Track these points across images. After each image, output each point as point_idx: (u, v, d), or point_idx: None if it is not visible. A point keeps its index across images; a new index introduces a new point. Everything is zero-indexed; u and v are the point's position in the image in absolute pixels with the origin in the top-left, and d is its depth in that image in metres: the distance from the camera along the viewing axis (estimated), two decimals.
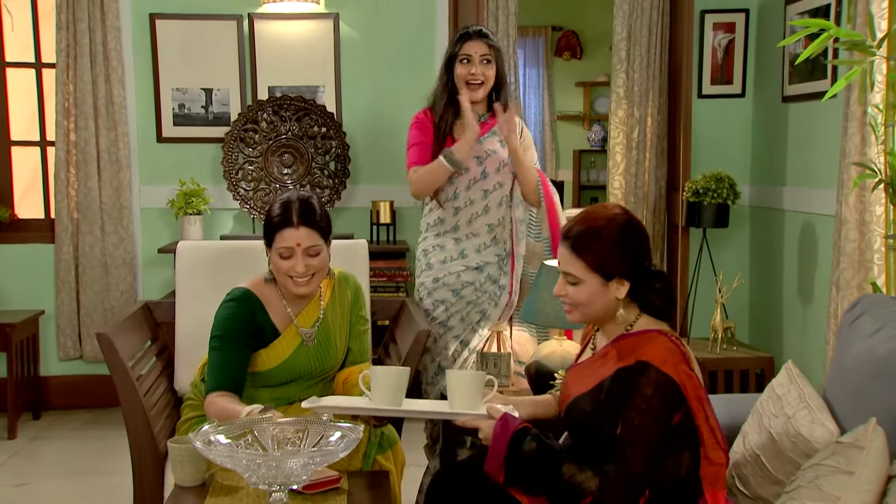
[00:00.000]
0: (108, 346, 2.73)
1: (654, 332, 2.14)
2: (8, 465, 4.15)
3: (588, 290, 2.14)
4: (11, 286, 4.93)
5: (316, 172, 4.86)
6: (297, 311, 2.74)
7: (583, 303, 2.16)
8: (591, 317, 2.20)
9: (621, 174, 5.01)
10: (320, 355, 2.75)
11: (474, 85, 3.31)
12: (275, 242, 2.63)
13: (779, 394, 2.45)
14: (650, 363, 2.03)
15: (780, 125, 4.76)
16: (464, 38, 3.34)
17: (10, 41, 5.02)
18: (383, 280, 4.64)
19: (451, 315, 3.38)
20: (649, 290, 2.17)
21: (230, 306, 2.66)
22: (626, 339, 2.15)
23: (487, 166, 3.36)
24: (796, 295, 4.60)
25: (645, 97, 4.97)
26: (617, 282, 2.13)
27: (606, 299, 2.15)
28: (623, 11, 4.96)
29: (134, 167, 4.91)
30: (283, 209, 2.63)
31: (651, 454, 2.01)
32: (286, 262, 2.63)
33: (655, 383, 2.01)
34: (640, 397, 2.01)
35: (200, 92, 4.94)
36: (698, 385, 2.09)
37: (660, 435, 2.02)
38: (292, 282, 2.65)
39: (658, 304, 2.18)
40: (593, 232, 2.13)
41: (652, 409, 2.00)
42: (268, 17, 4.90)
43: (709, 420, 2.10)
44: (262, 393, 2.71)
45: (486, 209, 3.38)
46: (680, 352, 2.10)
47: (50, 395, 4.95)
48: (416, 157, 3.37)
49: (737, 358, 4.41)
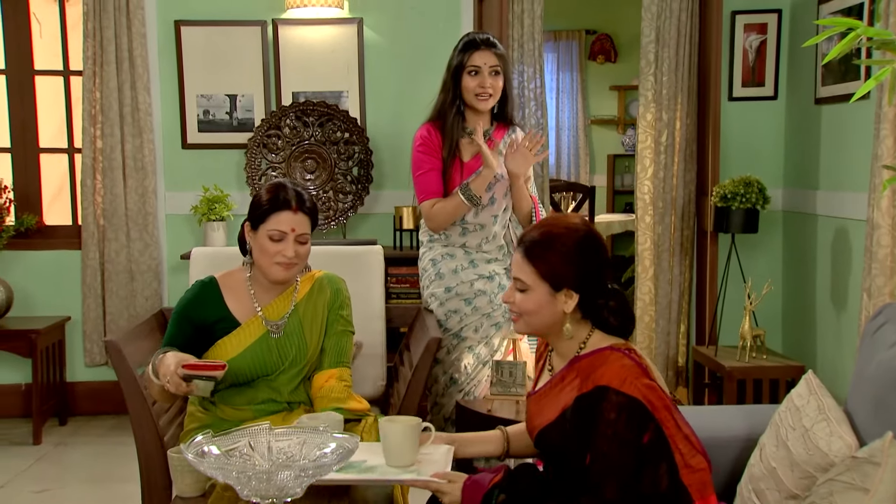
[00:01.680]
0: (116, 353, 2.72)
1: (606, 350, 2.06)
2: (31, 471, 4.17)
3: (535, 298, 2.07)
4: (39, 292, 4.96)
5: (339, 178, 4.84)
6: (266, 303, 2.72)
7: (529, 311, 2.09)
8: (537, 327, 2.13)
9: (649, 179, 4.92)
10: (286, 348, 2.70)
11: (484, 97, 3.24)
12: (267, 223, 2.62)
13: (797, 405, 2.36)
14: (608, 386, 1.96)
15: (813, 127, 4.65)
16: (471, 48, 3.24)
17: (39, 49, 5.06)
18: (406, 286, 4.60)
19: (465, 326, 3.32)
20: (603, 307, 2.09)
21: (190, 291, 2.74)
22: (582, 362, 2.07)
23: (496, 192, 3.29)
24: (829, 302, 4.48)
25: (673, 100, 4.88)
26: (565, 293, 2.06)
27: (553, 311, 2.07)
28: (651, 13, 4.87)
29: (159, 173, 4.93)
30: (281, 192, 2.63)
31: (624, 478, 1.94)
32: (275, 245, 2.62)
33: (617, 406, 1.94)
34: (604, 423, 1.94)
35: (225, 98, 4.94)
36: (663, 395, 2.01)
37: (630, 458, 1.95)
38: (277, 267, 2.63)
39: (612, 323, 2.10)
40: (548, 240, 2.07)
41: (619, 434, 1.93)
42: (292, 23, 4.89)
43: (681, 427, 2.02)
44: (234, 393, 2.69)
45: (494, 235, 3.32)
46: (637, 366, 2.02)
47: (76, 401, 4.98)
48: (428, 189, 3.28)
49: (766, 366, 4.29)
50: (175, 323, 2.68)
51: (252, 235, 2.68)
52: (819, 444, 2.19)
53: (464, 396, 3.30)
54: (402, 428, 2.16)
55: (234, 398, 2.71)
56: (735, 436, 2.53)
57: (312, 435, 2.05)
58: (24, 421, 4.77)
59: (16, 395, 4.93)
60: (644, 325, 4.94)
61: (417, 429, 2.16)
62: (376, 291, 3.34)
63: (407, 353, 3.29)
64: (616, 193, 9.14)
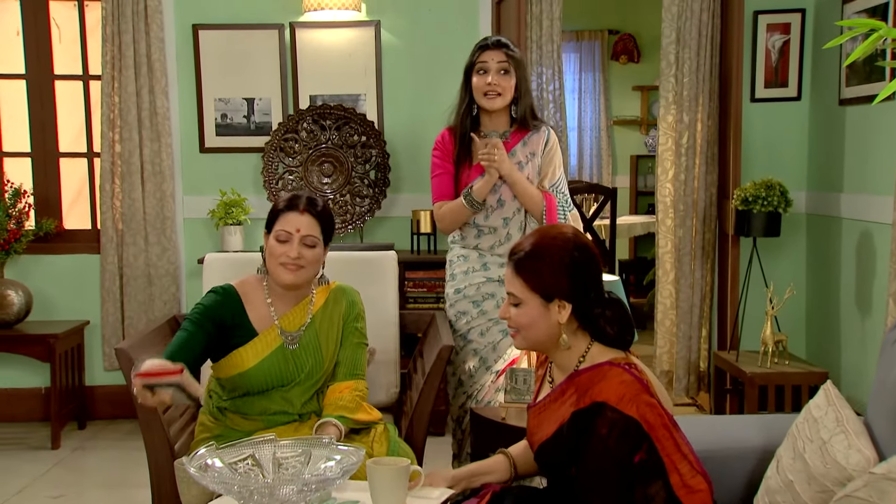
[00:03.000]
0: (125, 361, 2.71)
1: (606, 365, 2.02)
2: (49, 476, 4.18)
3: (529, 311, 2.05)
4: (58, 296, 4.98)
5: (356, 181, 4.82)
6: (282, 312, 2.71)
7: (524, 325, 2.07)
8: (535, 342, 2.10)
9: (670, 181, 4.86)
10: (302, 360, 2.68)
11: (492, 96, 3.20)
12: (276, 225, 2.66)
13: (815, 416, 2.30)
14: (605, 403, 1.93)
15: (837, 129, 4.57)
16: (482, 49, 3.23)
17: (59, 53, 5.08)
18: (423, 291, 4.58)
19: (472, 328, 3.29)
20: (599, 316, 2.06)
21: (208, 296, 2.70)
22: (581, 377, 2.04)
23: (503, 194, 3.25)
24: (854, 307, 4.40)
25: (695, 102, 4.81)
26: (558, 304, 2.03)
27: (548, 323, 2.04)
28: (672, 14, 4.81)
29: (177, 177, 4.93)
30: (292, 197, 2.70)
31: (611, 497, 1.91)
32: (281, 247, 2.63)
33: (610, 423, 1.91)
34: (596, 439, 1.92)
35: (242, 102, 4.93)
36: (663, 413, 1.97)
37: (618, 475, 1.91)
38: (281, 268, 2.64)
39: (609, 333, 2.07)
40: (536, 252, 2.05)
41: (609, 451, 1.91)
42: (309, 26, 4.88)
43: (680, 447, 1.98)
44: (247, 403, 2.67)
45: (508, 236, 3.28)
46: (637, 381, 1.98)
47: (95, 405, 4.99)
48: (440, 191, 3.31)
49: (788, 373, 4.22)
50: (194, 323, 2.61)
51: (266, 241, 2.71)
52: (837, 457, 2.13)
53: (467, 400, 3.28)
54: (389, 471, 2.08)
55: (246, 408, 2.69)
56: (752, 447, 2.48)
57: (317, 447, 2.03)
58: (44, 425, 4.78)
59: (36, 398, 4.95)
60: (665, 330, 4.89)
61: (406, 472, 2.09)
62: (390, 297, 3.32)
63: (420, 359, 3.25)
64: (639, 194, 9.07)
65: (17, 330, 4.66)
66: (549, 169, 3.34)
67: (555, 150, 3.34)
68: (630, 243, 8.66)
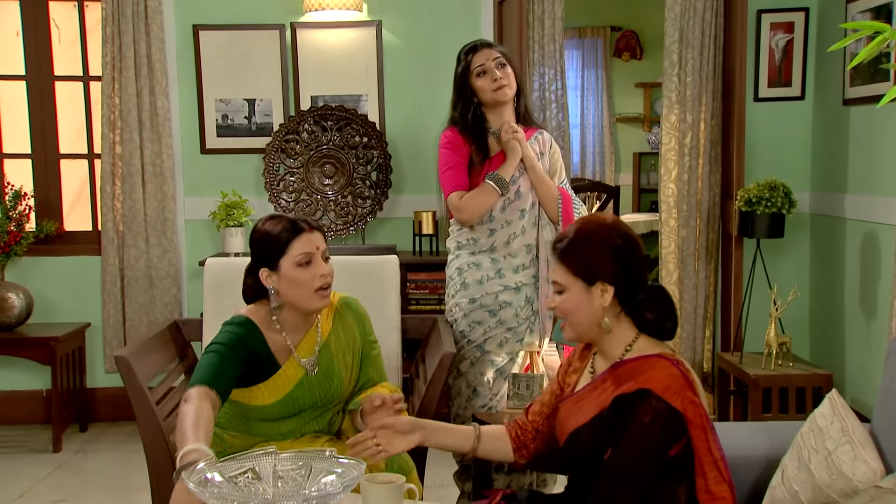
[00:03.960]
0: (125, 369, 2.69)
1: (655, 356, 2.02)
2: (50, 479, 4.17)
3: (572, 297, 2.06)
4: (59, 298, 4.97)
5: (357, 183, 4.79)
6: (297, 342, 2.62)
7: (569, 312, 2.08)
8: (581, 329, 2.10)
9: (673, 181, 4.83)
10: (324, 385, 2.63)
11: (501, 89, 3.18)
12: (290, 252, 2.50)
13: (821, 426, 2.28)
14: (651, 390, 1.92)
15: (841, 129, 4.54)
16: (471, 52, 3.23)
17: (59, 54, 5.06)
18: (425, 292, 4.55)
19: (489, 338, 3.25)
20: (642, 302, 2.06)
21: (235, 326, 2.55)
22: (626, 366, 2.03)
23: (521, 185, 3.22)
24: (858, 308, 4.37)
25: (698, 101, 4.78)
26: (600, 287, 2.03)
27: (591, 307, 2.05)
28: (674, 13, 4.78)
29: (178, 179, 4.91)
30: (285, 221, 2.54)
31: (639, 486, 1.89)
32: (307, 271, 2.50)
33: (654, 411, 1.91)
34: (636, 425, 1.91)
35: (243, 102, 4.91)
36: (704, 413, 1.96)
37: (651, 466, 1.90)
38: (317, 294, 2.51)
39: (649, 319, 2.06)
40: (578, 238, 2.07)
41: (646, 439, 1.90)
42: (310, 26, 4.85)
43: (712, 451, 1.96)
44: (263, 426, 2.63)
45: (523, 230, 3.24)
46: (684, 377, 1.97)
47: (97, 407, 4.98)
48: (454, 182, 3.21)
49: (792, 375, 4.20)
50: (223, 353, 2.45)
51: (275, 277, 2.53)
52: (843, 468, 2.12)
53: (487, 410, 3.25)
54: (383, 490, 2.05)
55: (257, 428, 2.64)
56: (756, 455, 2.46)
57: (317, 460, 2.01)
58: (45, 427, 4.77)
59: (37, 401, 4.94)
60: None
61: (400, 490, 2.06)
62: (392, 302, 3.29)
63: (422, 365, 3.23)
64: (642, 192, 9.04)
65: (17, 333, 4.65)
66: (557, 167, 3.34)
67: (558, 152, 3.38)
68: None
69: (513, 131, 3.17)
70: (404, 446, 2.21)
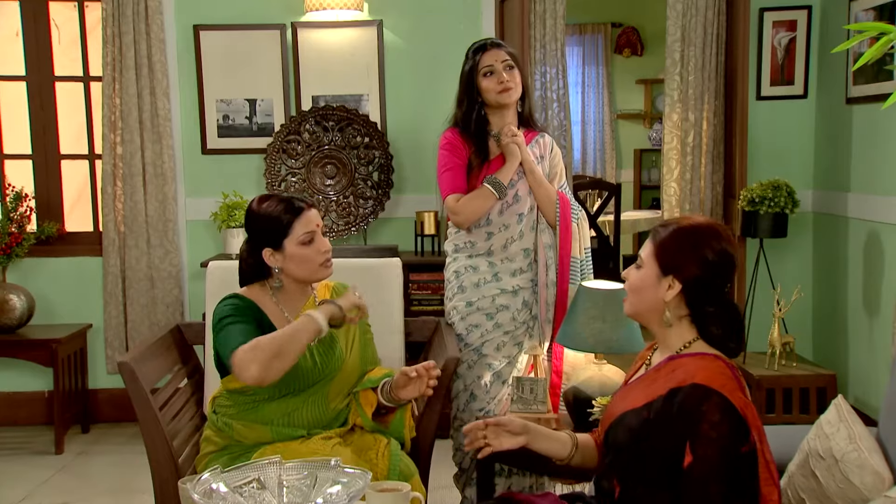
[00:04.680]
0: (129, 374, 2.68)
1: (711, 355, 2.00)
2: (52, 482, 4.16)
3: (643, 277, 2.06)
4: (60, 299, 4.96)
5: (359, 183, 4.78)
6: (294, 313, 2.69)
7: (634, 288, 2.09)
8: (637, 309, 2.10)
9: (676, 180, 4.82)
10: (323, 354, 2.69)
11: (506, 91, 3.16)
12: (293, 232, 2.62)
13: (827, 433, 2.27)
14: (710, 387, 1.89)
15: (844, 128, 4.53)
16: (481, 50, 3.19)
17: (59, 55, 5.04)
18: (427, 293, 4.54)
19: (486, 342, 3.24)
20: (710, 314, 2.02)
21: (229, 301, 2.64)
22: (681, 359, 2.02)
23: (520, 189, 3.20)
24: (861, 307, 4.37)
25: (700, 100, 4.77)
26: (671, 280, 2.02)
27: (655, 295, 2.04)
28: (676, 11, 4.76)
29: (179, 179, 4.90)
30: (283, 202, 2.65)
31: (728, 487, 1.86)
32: (310, 248, 2.64)
33: (721, 409, 1.87)
34: (708, 425, 1.87)
35: (244, 103, 4.89)
36: (756, 414, 1.94)
37: (734, 466, 1.86)
38: (321, 267, 2.66)
39: (715, 333, 2.03)
40: (680, 229, 2.05)
41: (723, 438, 1.86)
42: (311, 26, 4.83)
43: (765, 453, 1.94)
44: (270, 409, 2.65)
45: (521, 234, 3.22)
46: (737, 381, 1.96)
47: (99, 408, 4.97)
48: (452, 184, 3.20)
49: (796, 375, 4.19)
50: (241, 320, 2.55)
51: (278, 257, 2.64)
52: (850, 476, 2.11)
53: (484, 414, 3.24)
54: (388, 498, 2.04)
55: (253, 416, 2.66)
56: None
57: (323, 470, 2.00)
58: (48, 428, 4.77)
59: (39, 402, 4.94)
60: None
61: (406, 498, 2.05)
62: (395, 306, 3.28)
63: None
64: (643, 188, 9.03)
65: (19, 335, 4.63)
66: (557, 170, 3.32)
67: (559, 155, 3.35)
68: (634, 239, 8.61)
69: (512, 135, 3.16)
70: (510, 445, 2.25)
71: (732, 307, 2.07)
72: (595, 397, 2.87)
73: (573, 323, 2.94)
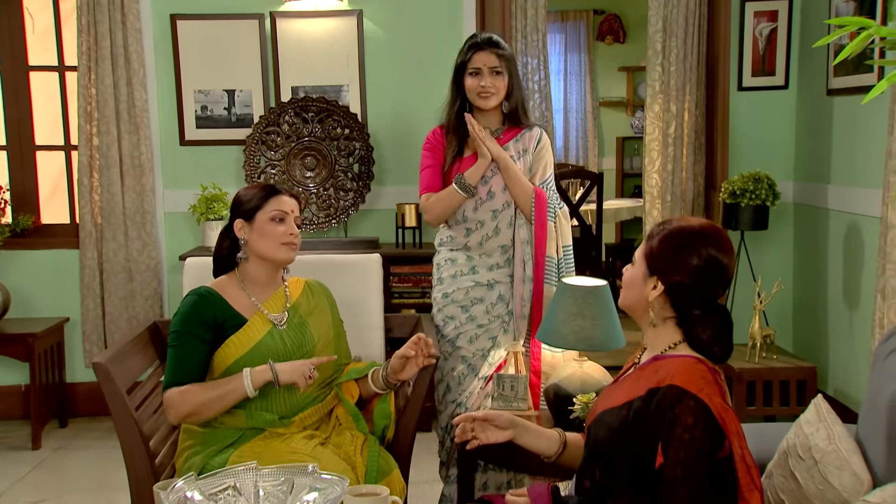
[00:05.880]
0: (104, 375, 2.63)
1: (693, 358, 1.99)
2: (29, 479, 4.12)
3: (633, 274, 2.08)
4: (37, 293, 4.90)
5: (339, 175, 4.74)
6: (262, 299, 2.75)
7: (627, 284, 2.10)
8: (628, 303, 2.12)
9: (657, 171, 4.81)
10: (294, 338, 2.73)
11: (485, 96, 3.16)
12: (266, 207, 2.71)
13: (807, 433, 2.27)
14: (685, 389, 1.88)
15: (825, 119, 4.52)
16: (473, 49, 3.17)
17: (33, 44, 4.96)
18: (408, 286, 4.52)
19: (460, 334, 3.24)
20: (697, 318, 2.00)
21: (187, 301, 2.70)
22: (665, 360, 2.02)
23: (493, 185, 3.19)
24: (842, 300, 4.37)
25: (682, 90, 4.75)
26: (655, 281, 2.01)
27: (641, 292, 2.05)
28: (658, 1, 4.74)
29: (157, 171, 4.84)
30: (267, 185, 2.79)
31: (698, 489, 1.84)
32: (280, 227, 2.71)
33: (695, 411, 1.86)
34: (681, 427, 1.86)
35: (223, 93, 4.84)
36: (735, 419, 1.93)
37: (705, 470, 1.85)
38: (284, 247, 2.71)
39: (702, 339, 2.01)
40: (671, 230, 2.04)
41: (696, 441, 1.85)
42: (290, 16, 4.77)
43: (745, 458, 1.93)
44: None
45: (496, 230, 3.21)
46: (717, 385, 1.95)
47: (77, 402, 4.93)
48: (427, 183, 3.26)
49: (776, 368, 4.20)
50: (182, 343, 2.63)
51: (247, 228, 2.72)
52: (829, 478, 2.10)
53: (456, 407, 3.23)
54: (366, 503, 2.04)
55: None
56: None
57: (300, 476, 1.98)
58: (25, 423, 4.72)
59: (16, 396, 4.89)
60: None
61: (384, 503, 2.04)
62: (374, 302, 3.25)
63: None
64: (625, 176, 9.02)
65: None
66: (540, 165, 3.29)
67: (546, 149, 3.30)
68: (617, 227, 8.62)
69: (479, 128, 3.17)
70: (496, 439, 2.28)
71: (723, 313, 2.04)
72: (576, 395, 2.87)
73: (553, 320, 2.92)
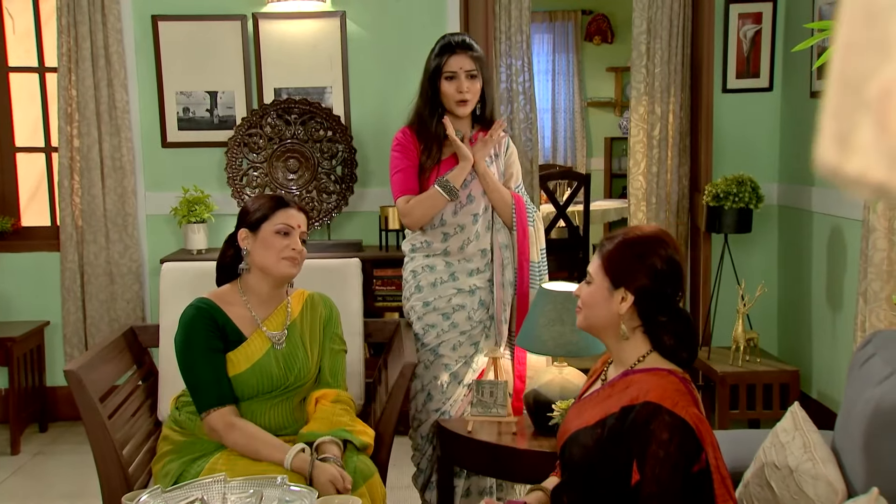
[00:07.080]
0: (76, 383, 2.61)
1: (663, 370, 1.98)
2: (8, 485, 4.09)
3: (595, 292, 2.04)
4: (17, 296, 4.86)
5: (322, 177, 4.71)
6: (264, 316, 2.68)
7: (587, 304, 2.06)
8: (592, 323, 2.08)
9: (642, 174, 4.79)
10: (289, 361, 2.65)
11: (462, 104, 3.13)
12: (273, 220, 2.64)
13: (783, 441, 2.26)
14: (660, 405, 1.87)
15: (809, 121, 4.51)
16: (447, 51, 3.13)
17: (13, 45, 4.92)
18: (391, 289, 4.49)
19: (443, 342, 3.20)
20: (662, 324, 2.00)
21: (189, 314, 2.61)
22: (635, 375, 2.00)
23: (472, 189, 3.17)
24: (825, 302, 4.37)
25: (666, 92, 4.74)
26: (623, 293, 1.99)
27: (608, 309, 2.02)
28: (642, 3, 4.72)
29: (138, 173, 4.80)
30: (275, 196, 2.72)
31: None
32: (283, 240, 2.63)
33: (670, 427, 1.85)
34: (656, 443, 1.85)
35: (205, 95, 4.80)
36: (710, 430, 1.92)
37: (681, 485, 1.84)
38: (285, 262, 2.63)
39: (667, 344, 2.01)
40: (625, 241, 2.03)
41: (671, 457, 1.84)
42: (272, 17, 4.74)
43: (720, 469, 1.92)
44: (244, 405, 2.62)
45: (477, 234, 3.18)
46: (690, 395, 1.93)
47: (57, 406, 4.89)
48: (403, 186, 3.17)
49: (759, 371, 4.19)
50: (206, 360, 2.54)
51: (251, 239, 2.66)
52: (804, 487, 2.09)
53: (440, 415, 3.20)
54: None
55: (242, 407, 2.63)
56: None
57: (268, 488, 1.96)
58: (4, 427, 4.68)
59: None
60: None
61: None
62: (354, 307, 3.22)
63: (384, 371, 3.18)
64: (613, 177, 9.01)
65: None
66: (514, 170, 3.29)
67: (515, 154, 3.32)
68: (604, 228, 8.60)
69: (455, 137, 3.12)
70: None
71: (684, 316, 2.05)
72: (555, 401, 2.85)
73: (533, 326, 2.91)
